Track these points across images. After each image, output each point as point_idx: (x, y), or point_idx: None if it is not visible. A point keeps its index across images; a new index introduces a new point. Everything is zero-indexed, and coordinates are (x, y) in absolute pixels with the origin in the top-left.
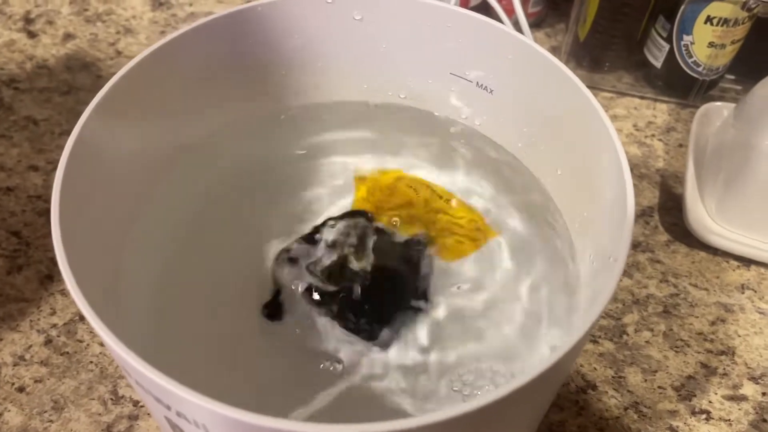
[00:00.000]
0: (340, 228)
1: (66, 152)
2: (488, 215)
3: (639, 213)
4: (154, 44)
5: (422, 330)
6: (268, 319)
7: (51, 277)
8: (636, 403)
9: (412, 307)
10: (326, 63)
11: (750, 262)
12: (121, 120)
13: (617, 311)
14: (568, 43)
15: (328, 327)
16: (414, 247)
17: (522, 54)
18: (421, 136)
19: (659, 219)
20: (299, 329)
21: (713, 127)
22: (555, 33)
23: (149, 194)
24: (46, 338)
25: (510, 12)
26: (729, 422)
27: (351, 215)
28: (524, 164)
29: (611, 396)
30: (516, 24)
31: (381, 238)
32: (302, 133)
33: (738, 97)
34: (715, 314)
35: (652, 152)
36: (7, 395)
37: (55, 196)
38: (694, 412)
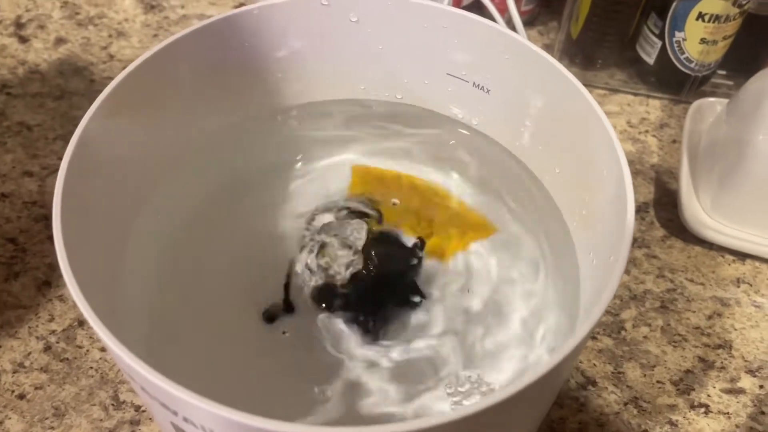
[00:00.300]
0: (339, 224)
1: (67, 156)
2: (486, 213)
3: (635, 209)
4: (154, 47)
5: (420, 327)
6: (268, 322)
7: (48, 283)
8: (635, 398)
9: (410, 304)
10: (323, 64)
11: (745, 256)
12: (121, 123)
13: (615, 307)
14: (561, 41)
15: (327, 323)
16: (412, 244)
17: (517, 53)
18: (419, 137)
19: (655, 215)
20: (299, 328)
21: (706, 123)
22: (548, 31)
23: (149, 196)
24: (46, 345)
25: (503, 11)
26: (728, 415)
27: (350, 211)
28: (522, 162)
29: (611, 392)
30: (509, 22)
31: (379, 235)
32: (300, 134)
33: (730, 93)
34: (712, 308)
35: (646, 148)
36: (8, 403)
37: (57, 200)
38: (693, 406)
